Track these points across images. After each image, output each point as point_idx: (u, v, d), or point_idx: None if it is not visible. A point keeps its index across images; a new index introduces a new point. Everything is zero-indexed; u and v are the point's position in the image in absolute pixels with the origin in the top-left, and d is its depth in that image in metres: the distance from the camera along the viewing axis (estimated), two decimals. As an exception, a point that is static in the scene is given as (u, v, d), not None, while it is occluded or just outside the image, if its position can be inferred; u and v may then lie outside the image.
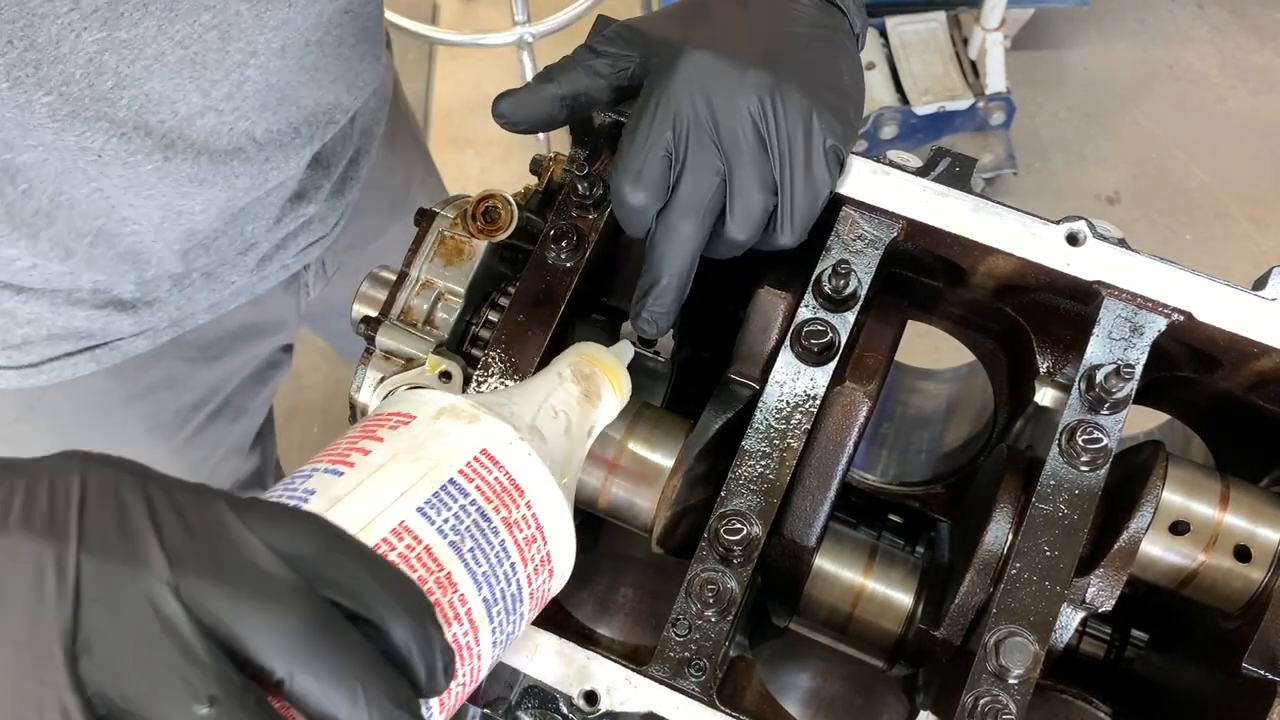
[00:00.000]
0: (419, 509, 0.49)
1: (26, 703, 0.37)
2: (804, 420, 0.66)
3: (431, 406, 0.54)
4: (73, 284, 0.84)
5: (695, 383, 0.80)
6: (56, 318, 0.87)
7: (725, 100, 0.65)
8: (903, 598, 0.73)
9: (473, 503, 0.50)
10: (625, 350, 0.67)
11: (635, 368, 0.77)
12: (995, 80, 2.45)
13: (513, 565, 0.51)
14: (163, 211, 0.81)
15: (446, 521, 0.49)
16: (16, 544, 0.39)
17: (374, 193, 1.15)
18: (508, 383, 0.67)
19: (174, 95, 0.73)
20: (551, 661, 0.62)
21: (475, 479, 0.51)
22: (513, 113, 0.70)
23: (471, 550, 0.49)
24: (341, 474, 0.49)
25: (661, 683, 0.61)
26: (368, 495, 0.48)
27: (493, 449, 0.53)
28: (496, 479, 0.52)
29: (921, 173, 0.71)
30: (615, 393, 0.64)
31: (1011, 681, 0.59)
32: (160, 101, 0.73)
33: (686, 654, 0.62)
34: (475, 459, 0.52)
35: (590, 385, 0.62)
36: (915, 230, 0.70)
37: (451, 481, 0.50)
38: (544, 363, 0.68)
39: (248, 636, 0.40)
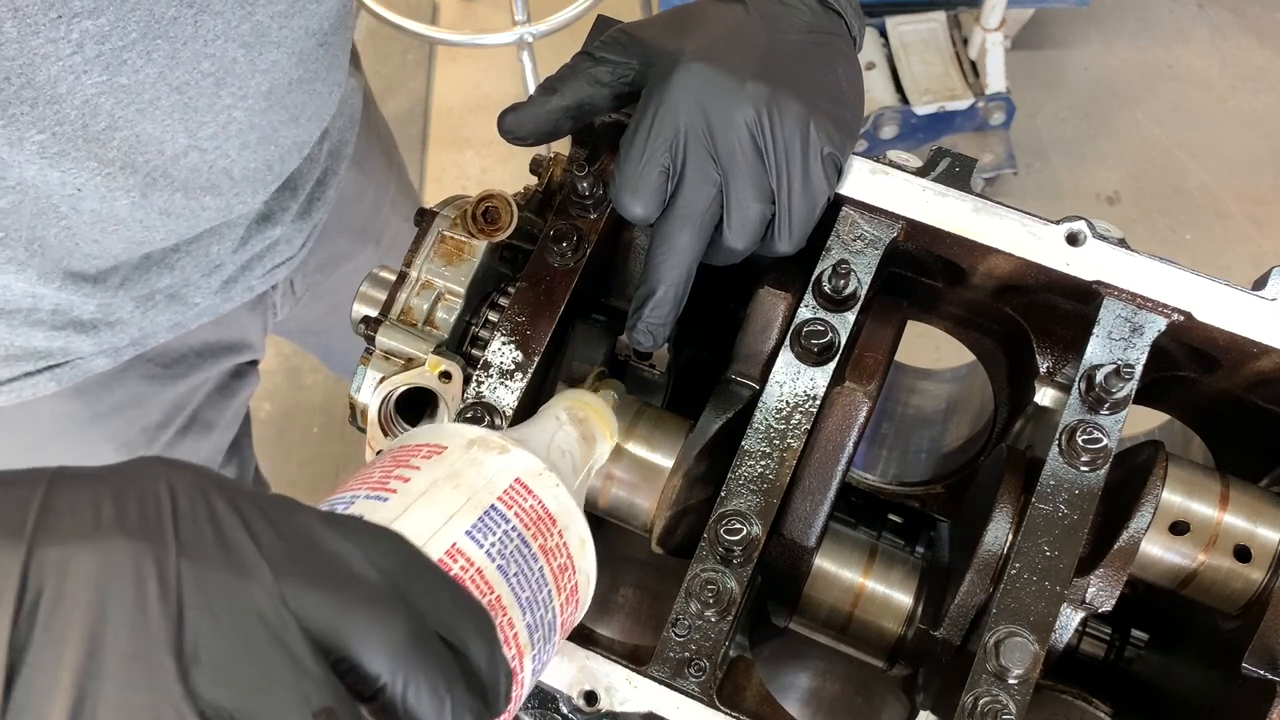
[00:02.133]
0: (467, 532, 0.49)
1: (141, 715, 0.36)
2: (804, 420, 0.66)
3: (462, 437, 0.55)
4: (33, 304, 0.84)
5: (695, 383, 0.80)
6: (14, 338, 0.86)
7: (721, 113, 0.65)
8: (902, 598, 0.73)
9: (514, 529, 0.51)
10: (608, 396, 0.69)
11: (631, 380, 0.77)
12: (995, 80, 2.45)
13: (549, 593, 0.52)
14: (124, 243, 0.81)
15: (493, 545, 0.50)
16: (113, 549, 0.38)
17: (343, 215, 1.14)
18: (507, 383, 0.67)
19: (162, 136, 0.73)
20: (551, 661, 0.62)
21: (514, 505, 0.52)
22: (518, 127, 0.70)
23: (517, 575, 0.50)
24: (386, 500, 0.50)
25: (661, 683, 0.61)
26: (418, 519, 0.49)
27: (525, 478, 0.54)
28: (532, 506, 0.53)
29: (921, 173, 0.71)
30: (606, 436, 0.66)
31: (1011, 681, 0.59)
32: (149, 142, 0.72)
33: (686, 654, 0.62)
34: (511, 487, 0.53)
35: (586, 429, 0.64)
36: (915, 230, 0.70)
37: (493, 508, 0.51)
38: (544, 362, 0.69)
39: (357, 643, 0.39)
